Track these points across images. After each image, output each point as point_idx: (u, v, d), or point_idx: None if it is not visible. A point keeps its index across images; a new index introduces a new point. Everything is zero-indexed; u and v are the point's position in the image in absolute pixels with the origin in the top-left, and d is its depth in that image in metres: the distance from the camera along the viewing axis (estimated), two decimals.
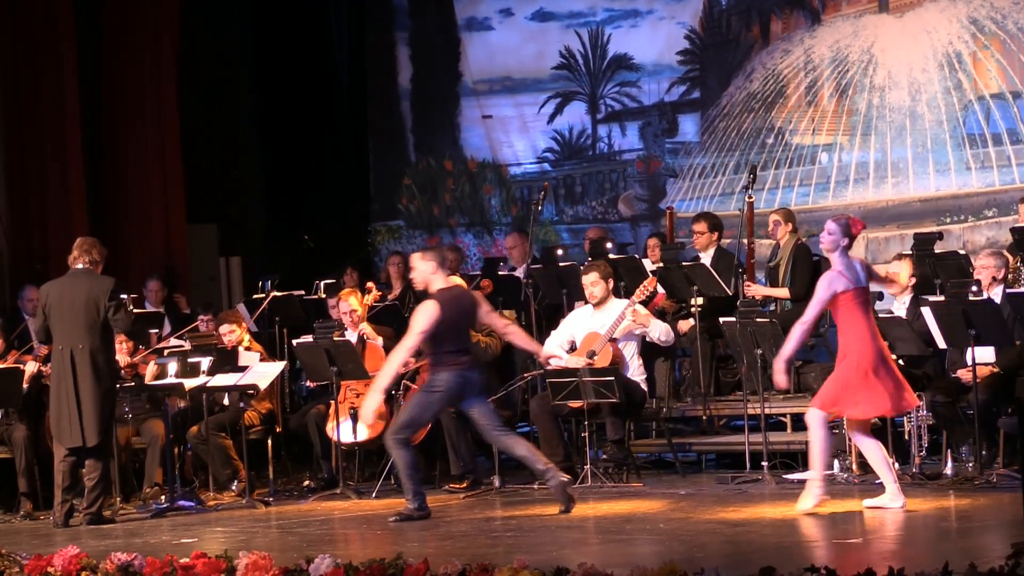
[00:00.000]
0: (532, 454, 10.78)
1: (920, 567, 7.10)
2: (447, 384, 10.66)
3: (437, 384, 10.70)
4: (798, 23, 16.17)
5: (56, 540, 10.47)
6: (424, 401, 10.78)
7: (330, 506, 11.86)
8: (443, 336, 10.65)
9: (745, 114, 16.30)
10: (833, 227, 9.94)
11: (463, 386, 10.69)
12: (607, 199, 17.25)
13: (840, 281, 9.84)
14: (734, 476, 11.78)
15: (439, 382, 10.68)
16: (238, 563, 8.33)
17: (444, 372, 10.67)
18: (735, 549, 8.84)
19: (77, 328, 11.43)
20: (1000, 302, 10.99)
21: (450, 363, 10.66)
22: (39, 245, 15.89)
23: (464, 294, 11.00)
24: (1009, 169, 14.85)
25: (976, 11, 15.08)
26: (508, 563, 7.78)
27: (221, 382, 12.27)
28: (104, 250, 11.79)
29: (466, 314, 10.83)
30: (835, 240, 9.92)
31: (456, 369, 10.66)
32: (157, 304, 15.19)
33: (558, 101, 17.54)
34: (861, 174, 15.57)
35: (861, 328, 9.84)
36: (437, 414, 11.20)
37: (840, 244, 9.91)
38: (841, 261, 9.90)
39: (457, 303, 10.75)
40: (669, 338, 12.41)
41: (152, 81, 16.73)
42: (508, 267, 15.10)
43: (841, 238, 9.91)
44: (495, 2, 17.91)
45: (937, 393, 11.21)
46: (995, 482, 10.56)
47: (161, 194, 16.76)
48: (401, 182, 18.40)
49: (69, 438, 11.40)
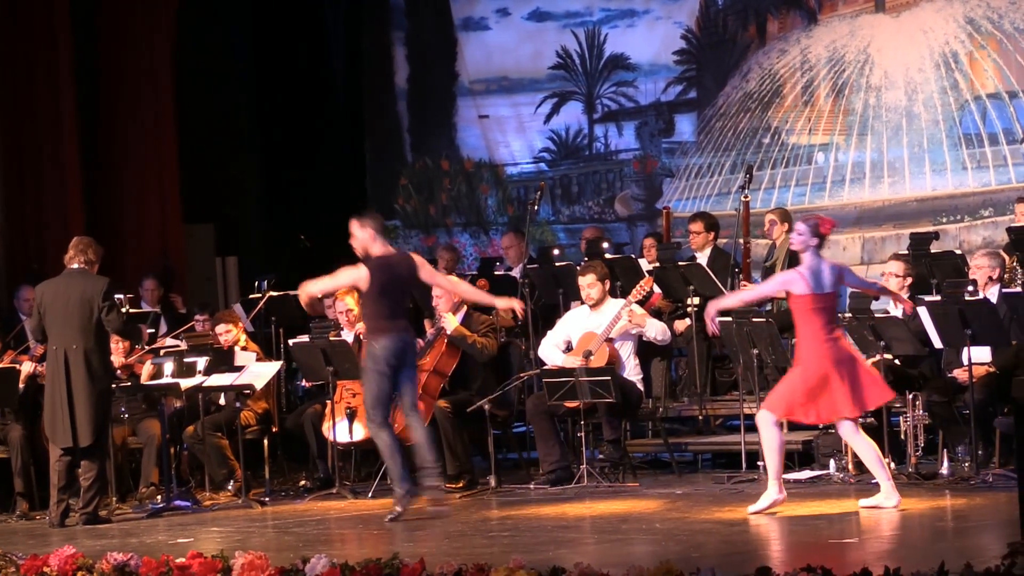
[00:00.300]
0: (425, 446, 10.84)
1: (916, 567, 7.10)
2: (387, 348, 10.79)
3: (377, 351, 10.82)
4: (794, 23, 16.17)
5: (52, 540, 10.47)
6: (376, 374, 10.86)
7: (326, 506, 11.85)
8: (378, 301, 10.85)
9: (741, 114, 16.30)
10: (802, 227, 9.93)
11: (403, 349, 10.84)
12: (603, 199, 17.25)
13: (798, 284, 9.82)
14: (730, 476, 11.78)
15: (379, 348, 10.81)
16: (234, 563, 8.32)
17: (382, 338, 10.80)
18: (731, 549, 8.84)
19: (71, 328, 11.43)
20: (996, 302, 10.99)
21: (388, 328, 10.81)
22: (35, 245, 15.87)
23: (398, 259, 11.12)
24: (1005, 169, 14.86)
25: (972, 11, 15.09)
26: (504, 563, 7.78)
27: (217, 382, 12.28)
28: (100, 250, 11.79)
29: (400, 279, 10.94)
30: (804, 241, 9.90)
31: (394, 333, 10.80)
32: (153, 304, 15.19)
33: (555, 101, 17.54)
34: (857, 174, 15.57)
35: (816, 335, 9.79)
36: (392, 379, 11.00)
37: (810, 245, 9.89)
38: (809, 263, 9.88)
39: (389, 269, 10.87)
40: (665, 337, 12.41)
41: (148, 81, 16.72)
42: (504, 267, 15.10)
43: (810, 238, 9.89)
44: (492, 2, 17.91)
45: (933, 393, 11.21)
46: (991, 482, 10.56)
47: (157, 194, 16.75)
48: (397, 182, 18.40)
49: (62, 438, 11.40)
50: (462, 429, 12.25)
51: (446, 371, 12.46)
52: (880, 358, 11.23)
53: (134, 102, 16.66)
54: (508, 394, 12.41)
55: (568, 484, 11.83)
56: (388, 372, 10.88)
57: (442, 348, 12.44)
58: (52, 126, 15.95)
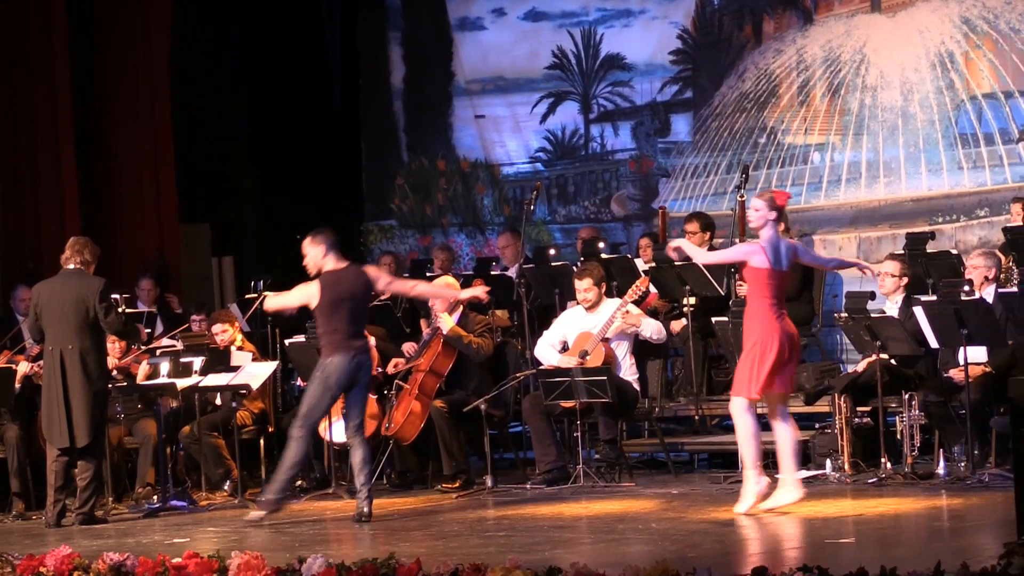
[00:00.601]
0: (363, 465, 10.84)
1: (912, 567, 7.10)
2: (339, 367, 10.79)
3: (329, 368, 10.82)
4: (790, 23, 16.16)
5: (48, 540, 10.47)
6: (321, 389, 10.87)
7: (322, 506, 11.85)
8: (330, 318, 10.84)
9: (737, 114, 16.29)
10: (759, 203, 9.96)
11: (357, 369, 10.83)
12: (600, 199, 17.24)
13: (758, 256, 9.83)
14: (726, 476, 11.78)
15: (331, 366, 10.81)
16: (230, 563, 8.33)
17: (337, 355, 10.79)
18: (727, 549, 8.85)
19: (67, 329, 11.43)
20: (992, 302, 11.00)
21: (342, 346, 10.80)
22: (31, 244, 15.86)
23: (349, 275, 11.01)
24: (1001, 169, 14.86)
25: (968, 11, 15.08)
26: (500, 563, 7.79)
27: (213, 382, 12.28)
28: (97, 250, 11.79)
29: (350, 296, 10.88)
30: (763, 216, 9.92)
31: (348, 352, 10.78)
32: (149, 304, 15.17)
33: (551, 101, 17.53)
34: (853, 174, 15.57)
35: (768, 310, 9.82)
36: (335, 399, 11.13)
37: (768, 218, 9.91)
38: (769, 238, 9.88)
39: (338, 284, 10.84)
40: (661, 336, 12.42)
41: (145, 80, 16.70)
42: (500, 267, 15.10)
43: (768, 212, 9.91)
44: (488, 2, 17.90)
45: (929, 393, 11.22)
46: (987, 482, 10.57)
47: (154, 194, 16.73)
48: (394, 182, 18.38)
49: (59, 438, 11.40)
50: (458, 429, 12.25)
51: (442, 371, 12.46)
52: (876, 358, 11.24)
53: (130, 102, 16.65)
54: (504, 394, 12.42)
55: (564, 484, 11.84)
56: (334, 390, 10.91)
57: (438, 348, 12.45)
58: (48, 126, 15.93)
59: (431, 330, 12.67)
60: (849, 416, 11.46)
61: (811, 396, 12.16)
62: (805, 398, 12.23)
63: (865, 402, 11.54)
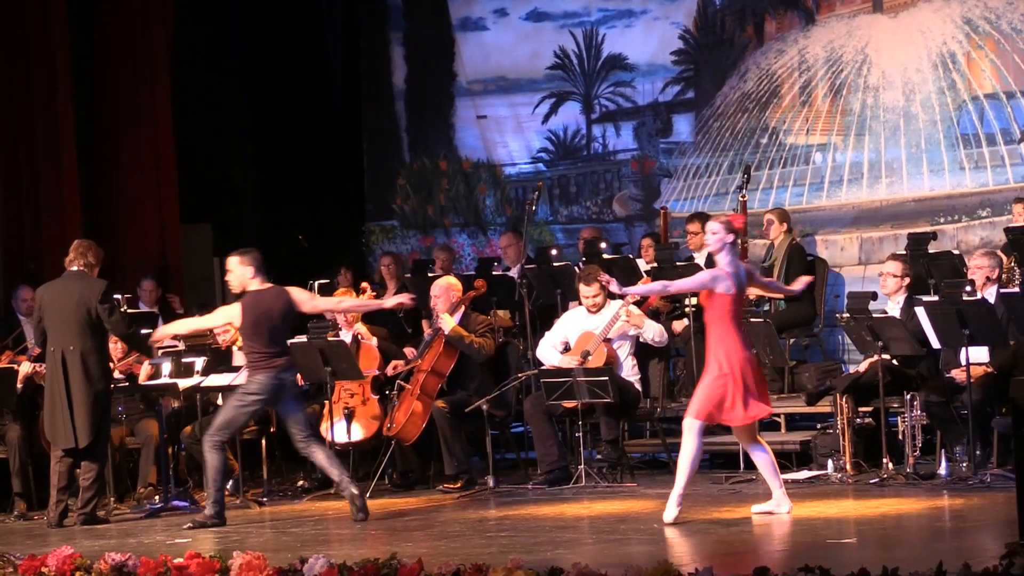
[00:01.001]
0: (330, 462, 10.94)
1: (914, 567, 7.10)
2: (261, 387, 10.86)
3: (251, 387, 10.89)
4: (792, 23, 16.16)
5: (50, 540, 10.48)
6: (239, 404, 10.94)
7: (324, 506, 11.85)
8: (251, 338, 10.90)
9: (739, 114, 16.28)
10: (716, 227, 9.94)
11: (279, 388, 10.90)
12: (601, 199, 17.24)
13: (725, 283, 9.80)
14: (728, 476, 11.79)
15: (253, 385, 10.87)
16: (232, 563, 8.33)
17: (259, 374, 10.86)
18: (729, 549, 8.85)
19: (69, 330, 11.44)
20: (994, 302, 11.00)
21: (264, 365, 10.86)
22: (33, 245, 15.86)
23: (270, 295, 11.00)
24: (1003, 169, 14.85)
25: (970, 11, 15.07)
26: (502, 563, 7.79)
27: (215, 382, 12.28)
28: (101, 252, 11.81)
29: (270, 316, 10.91)
30: (720, 239, 9.90)
31: (270, 371, 10.84)
32: (151, 304, 15.17)
33: (553, 101, 17.52)
34: (855, 174, 15.56)
35: (733, 335, 9.78)
36: (253, 416, 11.35)
37: (727, 241, 9.90)
38: (729, 262, 9.86)
39: (258, 305, 10.90)
40: (663, 339, 12.43)
41: (146, 81, 16.69)
42: (502, 267, 15.09)
43: (726, 235, 9.90)
44: (489, 2, 17.90)
45: (931, 393, 11.22)
46: (989, 482, 10.57)
47: (155, 194, 16.72)
48: (395, 182, 18.38)
49: (63, 439, 11.42)
50: (460, 429, 12.26)
51: (444, 371, 12.47)
52: (878, 358, 11.24)
53: (131, 102, 16.64)
54: (506, 394, 12.42)
55: (566, 484, 11.84)
56: (254, 408, 11.01)
57: (439, 348, 12.45)
58: (49, 126, 15.92)
59: (433, 330, 12.68)
60: (851, 416, 11.47)
61: (813, 396, 12.17)
62: (807, 398, 12.24)
63: (867, 402, 11.54)
